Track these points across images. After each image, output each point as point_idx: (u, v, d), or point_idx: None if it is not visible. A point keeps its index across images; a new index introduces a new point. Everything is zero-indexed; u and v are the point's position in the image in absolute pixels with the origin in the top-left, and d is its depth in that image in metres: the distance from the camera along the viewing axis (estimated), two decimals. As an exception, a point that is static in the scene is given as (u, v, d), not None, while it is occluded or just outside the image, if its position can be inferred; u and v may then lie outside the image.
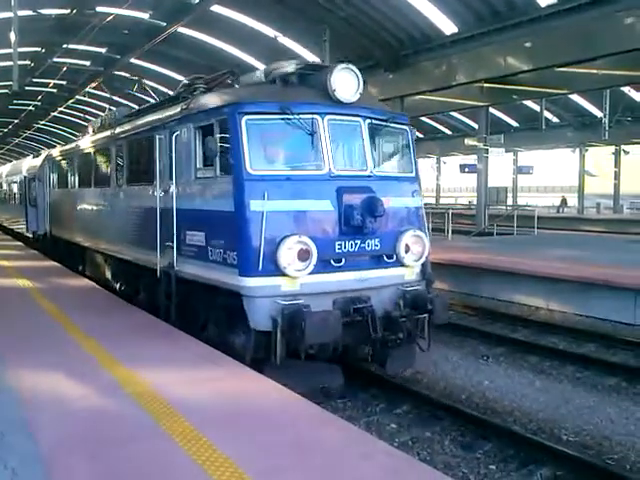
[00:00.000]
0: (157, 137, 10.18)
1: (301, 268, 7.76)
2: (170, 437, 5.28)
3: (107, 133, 14.09)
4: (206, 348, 8.33)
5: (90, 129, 17.21)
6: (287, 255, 7.68)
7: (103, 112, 23.42)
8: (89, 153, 15.59)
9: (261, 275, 7.74)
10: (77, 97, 42.50)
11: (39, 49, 32.71)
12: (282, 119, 8.11)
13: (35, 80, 36.07)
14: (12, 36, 19.92)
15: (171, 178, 9.61)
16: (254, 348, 8.03)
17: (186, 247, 9.26)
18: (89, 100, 46.25)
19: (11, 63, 21.28)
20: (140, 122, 11.77)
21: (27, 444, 5.14)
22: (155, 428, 5.49)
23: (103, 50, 33.22)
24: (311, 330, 7.32)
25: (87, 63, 34.90)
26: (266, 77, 9.01)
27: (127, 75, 35.85)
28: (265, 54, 28.97)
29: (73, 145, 18.27)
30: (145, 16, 28.18)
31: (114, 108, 17.17)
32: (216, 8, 26.60)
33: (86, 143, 16.27)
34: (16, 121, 55.06)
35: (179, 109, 9.71)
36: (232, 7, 26.99)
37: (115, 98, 44.93)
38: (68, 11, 27.47)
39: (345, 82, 8.40)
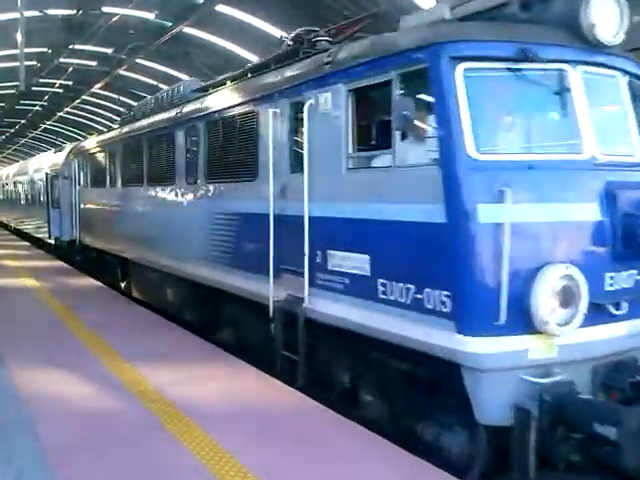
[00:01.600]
0: (270, 111, 7.33)
1: (566, 320, 4.87)
2: (174, 436, 5.30)
3: (169, 115, 11.03)
4: (208, 346, 8.35)
5: (136, 112, 14.08)
6: (549, 299, 4.81)
7: (110, 112, 23.34)
8: (139, 142, 12.35)
9: (500, 333, 4.82)
10: (83, 97, 42.61)
11: (45, 50, 32.84)
12: (516, 70, 5.18)
13: (41, 80, 36.22)
14: (19, 37, 20.00)
15: (297, 170, 6.89)
16: (485, 454, 5.11)
17: (327, 275, 6.36)
18: (95, 100, 46.39)
19: (18, 64, 21.39)
20: (230, 94, 8.95)
21: (32, 444, 5.16)
22: (159, 427, 5.51)
23: (109, 50, 33.31)
24: (634, 445, 4.35)
25: (93, 63, 35.02)
26: (452, 11, 5.80)
27: (133, 75, 36.05)
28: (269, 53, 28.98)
29: (113, 134, 15.04)
30: (151, 16, 28.26)
31: (162, 87, 13.41)
32: (221, 8, 26.65)
33: (133, 130, 13.08)
34: (23, 121, 55.28)
35: (314, 66, 6.80)
36: (237, 7, 27.04)
37: (122, 98, 45.15)
38: (74, 12, 27.58)
39: (607, 15, 5.37)
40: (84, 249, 17.28)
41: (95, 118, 53.29)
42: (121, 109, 47.73)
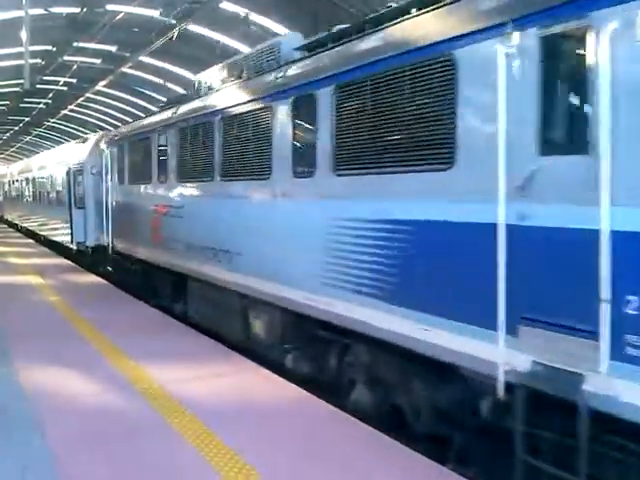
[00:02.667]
0: (497, 51, 4.54)
1: None
2: (178, 433, 5.32)
3: (259, 85, 8.26)
4: (211, 343, 8.37)
5: (200, 87, 10.88)
6: None
7: (115, 110, 23.12)
8: (207, 125, 9.46)
9: None
10: (88, 95, 42.71)
11: (50, 47, 32.91)
12: None
13: (46, 78, 36.32)
14: (24, 35, 20.04)
15: (563, 150, 4.23)
16: None
17: None
18: (100, 98, 46.47)
19: (23, 62, 21.43)
20: (384, 42, 5.96)
21: (38, 441, 5.20)
22: (163, 424, 5.53)
23: (113, 48, 33.37)
24: None
25: (97, 61, 35.08)
26: None
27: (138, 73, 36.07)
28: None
29: (163, 117, 11.79)
30: (155, 14, 28.28)
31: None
32: (226, 5, 26.66)
33: (198, 110, 10.02)
34: (27, 119, 55.40)
35: None
36: (241, 4, 27.07)
37: (126, 96, 45.18)
38: (79, 9, 27.62)
39: None
40: (118, 258, 14.41)
41: (99, 116, 53.43)
42: (127, 107, 47.62)
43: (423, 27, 5.48)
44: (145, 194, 12.32)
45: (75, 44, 30.82)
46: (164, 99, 19.82)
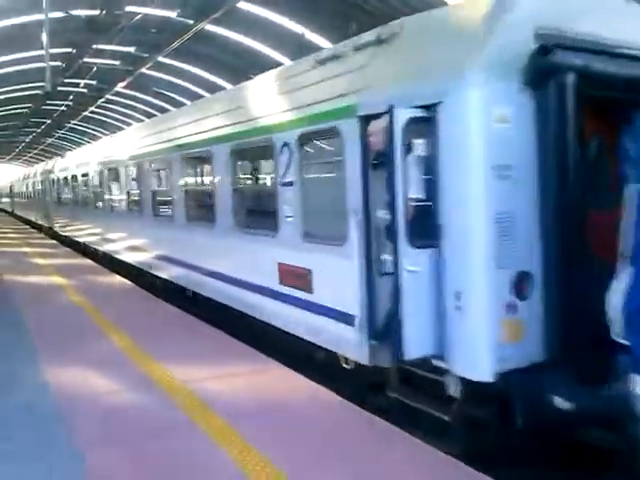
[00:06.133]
0: None
1: None
2: (202, 431, 5.36)
3: None
4: (234, 343, 8.40)
5: None
6: None
7: (134, 111, 22.78)
8: None
9: None
10: (107, 97, 43.07)
11: (70, 50, 33.23)
12: None
13: (66, 80, 36.67)
14: (44, 38, 20.22)
15: None
16: None
17: None
18: (119, 99, 46.84)
19: (44, 64, 21.64)
20: None
21: (64, 439, 5.26)
22: (189, 423, 5.57)
23: (132, 49, 33.61)
24: None
25: (117, 63, 35.36)
26: None
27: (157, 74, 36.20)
28: (292, 50, 29.05)
29: None
30: (173, 14, 28.42)
31: None
32: (243, 5, 26.72)
33: None
34: (49, 121, 56.03)
35: None
36: (259, 4, 27.13)
37: (145, 97, 45.49)
38: (98, 12, 27.86)
39: None
40: None
41: (119, 117, 53.85)
42: (146, 108, 47.55)
43: None
44: None
45: (95, 46, 31.09)
46: (183, 100, 19.71)
